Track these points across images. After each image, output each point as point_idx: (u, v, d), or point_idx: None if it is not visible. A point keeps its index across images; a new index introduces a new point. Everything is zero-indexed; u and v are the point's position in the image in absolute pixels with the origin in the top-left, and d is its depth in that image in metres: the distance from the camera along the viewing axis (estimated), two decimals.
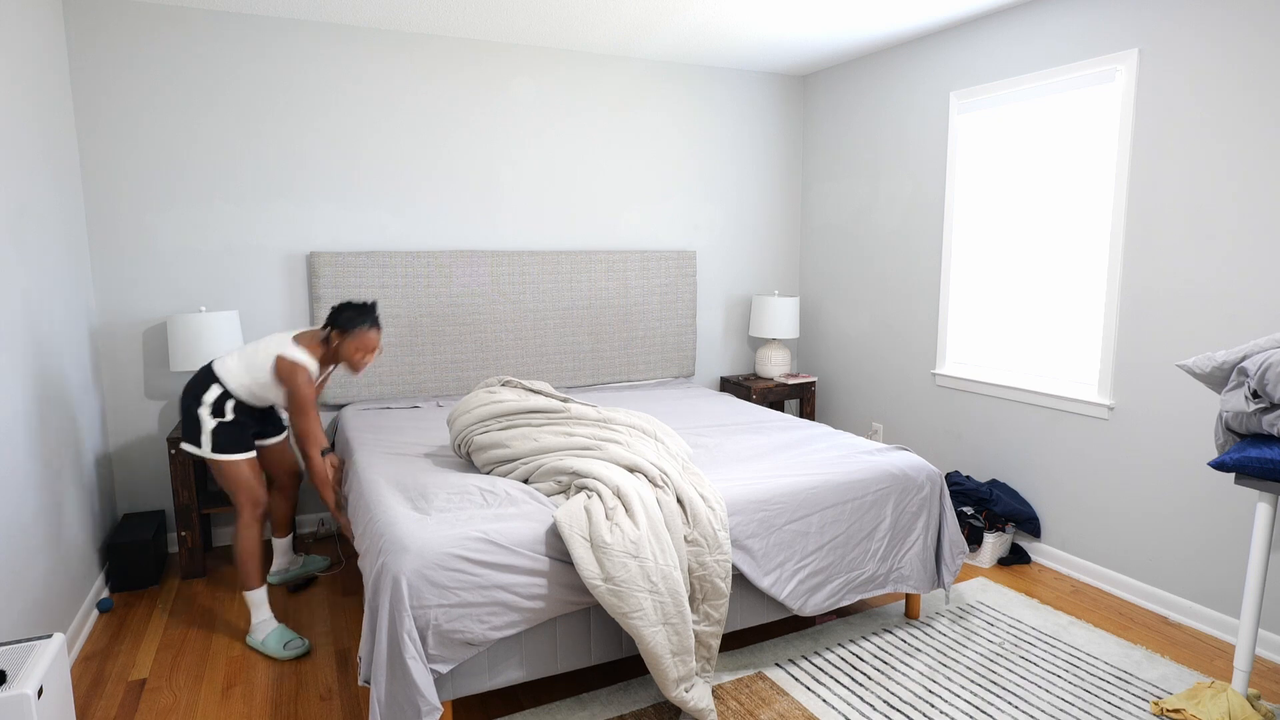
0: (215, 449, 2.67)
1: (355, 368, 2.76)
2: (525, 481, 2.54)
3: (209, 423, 2.66)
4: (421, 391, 3.93)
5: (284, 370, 2.64)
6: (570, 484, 2.42)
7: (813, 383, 4.66)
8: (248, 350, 2.74)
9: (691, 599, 2.28)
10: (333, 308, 2.82)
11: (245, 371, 2.70)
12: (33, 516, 2.47)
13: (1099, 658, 2.65)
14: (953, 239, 3.87)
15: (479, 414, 2.76)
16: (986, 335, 3.76)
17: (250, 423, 2.79)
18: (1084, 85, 3.19)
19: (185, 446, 2.71)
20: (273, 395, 2.75)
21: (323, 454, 2.79)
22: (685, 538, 2.28)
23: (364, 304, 2.78)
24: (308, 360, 2.67)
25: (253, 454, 2.75)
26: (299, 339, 2.74)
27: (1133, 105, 2.99)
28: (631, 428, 2.76)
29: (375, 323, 2.77)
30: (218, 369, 2.72)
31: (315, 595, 3.17)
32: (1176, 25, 2.84)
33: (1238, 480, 2.10)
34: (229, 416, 2.69)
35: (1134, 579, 3.12)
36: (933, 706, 2.37)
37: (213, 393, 2.68)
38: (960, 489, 3.57)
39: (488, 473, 2.65)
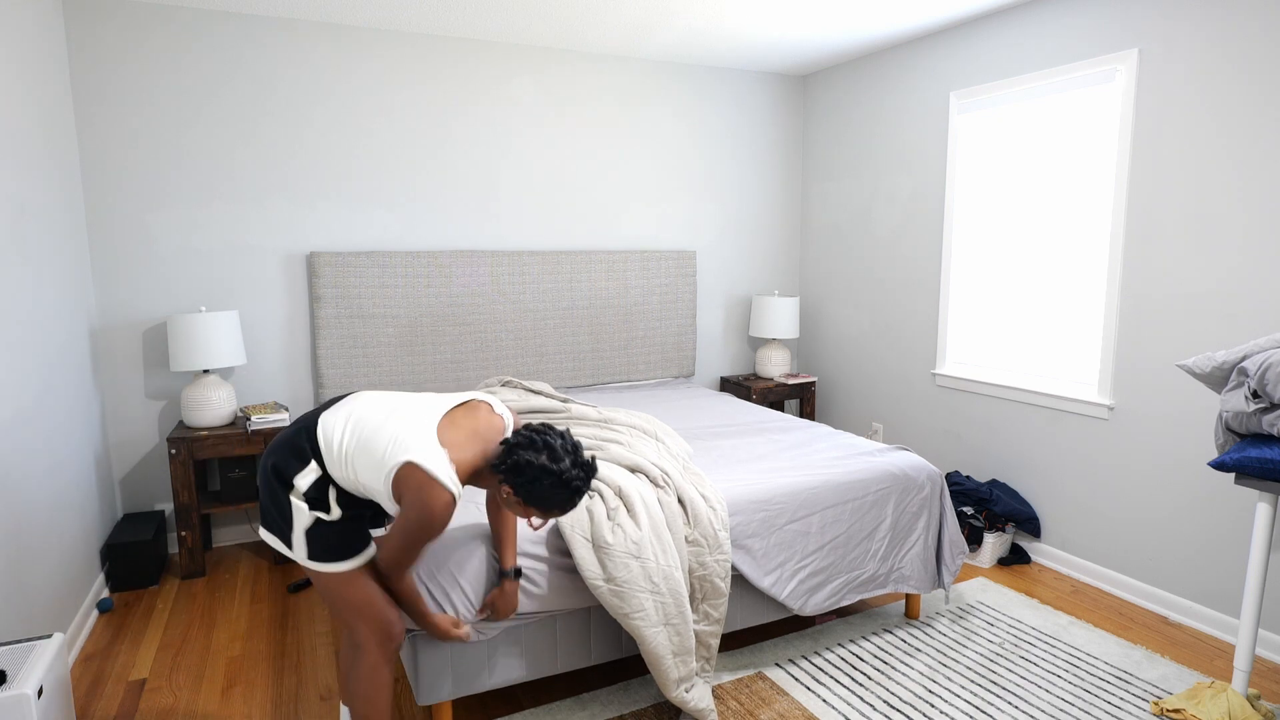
0: (314, 556, 1.74)
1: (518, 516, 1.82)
2: None
3: (303, 517, 1.72)
4: (422, 391, 3.93)
5: (413, 486, 1.63)
6: None
7: (813, 383, 4.66)
8: (373, 420, 1.73)
9: (691, 598, 2.28)
10: (520, 441, 1.72)
11: (360, 453, 1.69)
12: (33, 516, 2.47)
13: (1099, 658, 2.65)
14: (953, 239, 3.87)
15: None
16: (986, 335, 3.76)
17: (367, 513, 1.83)
18: (1084, 85, 3.19)
19: (265, 536, 1.79)
20: (383, 502, 1.73)
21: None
22: (686, 538, 2.28)
23: (575, 468, 1.72)
24: (452, 484, 1.65)
25: (371, 552, 1.82)
26: (448, 434, 1.73)
27: (1133, 105, 2.99)
28: (632, 428, 2.76)
29: (577, 497, 1.75)
30: (321, 434, 1.75)
31: (315, 595, 3.16)
32: (1176, 25, 2.84)
33: (1238, 480, 2.10)
34: (334, 514, 1.74)
35: (1134, 579, 3.12)
36: (933, 706, 2.37)
37: (308, 475, 1.72)
38: (960, 489, 3.57)
39: None
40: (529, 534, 2.16)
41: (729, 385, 4.72)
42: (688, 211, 4.62)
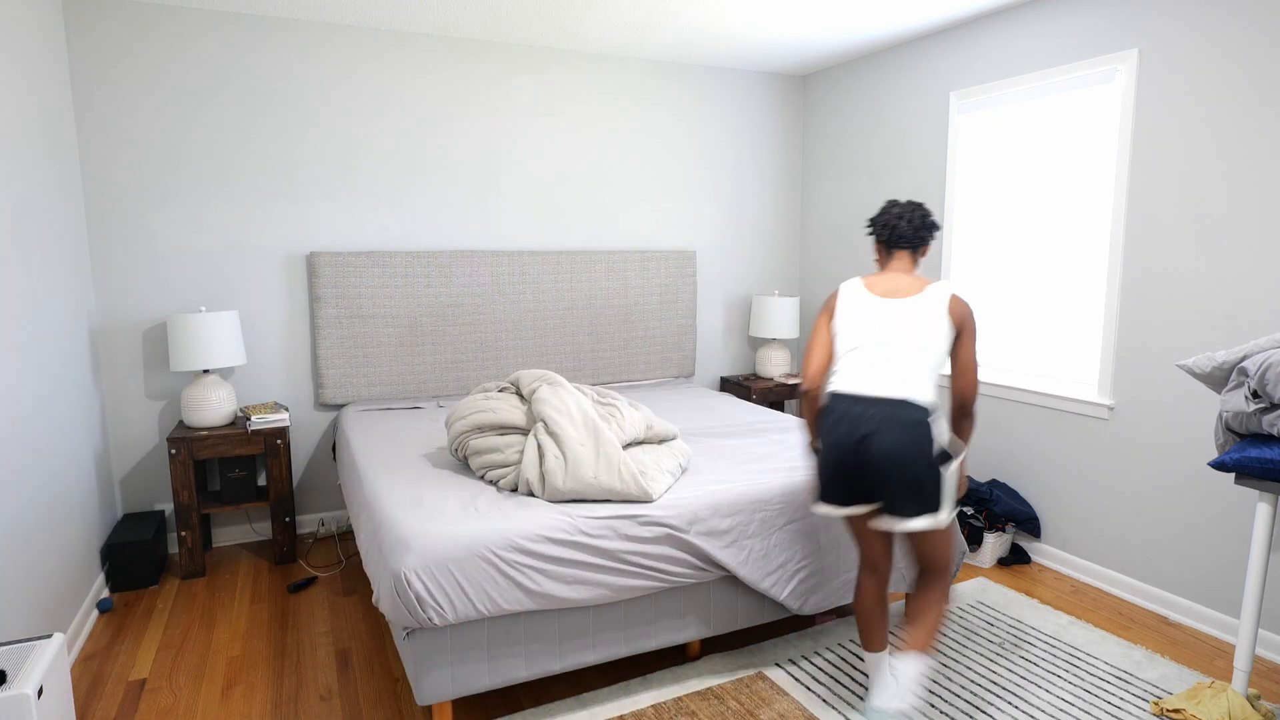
0: (955, 505, 1.96)
1: None
2: (516, 488, 2.54)
3: (949, 475, 1.96)
4: (422, 392, 3.93)
5: (964, 304, 2.08)
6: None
7: None
8: (890, 320, 2.09)
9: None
10: (891, 218, 2.18)
11: (942, 349, 2.03)
12: (33, 516, 2.47)
13: (1099, 658, 2.65)
14: (952, 239, 3.87)
15: (474, 421, 2.75)
16: (986, 335, 3.75)
17: None
18: (1084, 85, 3.19)
19: (914, 525, 1.93)
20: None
21: None
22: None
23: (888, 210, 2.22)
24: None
25: None
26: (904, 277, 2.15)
27: (1133, 105, 2.99)
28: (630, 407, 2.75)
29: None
30: (905, 383, 2.02)
31: (315, 594, 3.17)
32: (1176, 25, 2.84)
33: (1238, 480, 2.10)
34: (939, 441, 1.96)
35: (1134, 579, 3.12)
36: (933, 707, 2.37)
37: (940, 424, 1.96)
38: None
39: (481, 475, 2.65)
40: (523, 539, 2.16)
41: (729, 385, 4.72)
42: (687, 211, 4.62)
